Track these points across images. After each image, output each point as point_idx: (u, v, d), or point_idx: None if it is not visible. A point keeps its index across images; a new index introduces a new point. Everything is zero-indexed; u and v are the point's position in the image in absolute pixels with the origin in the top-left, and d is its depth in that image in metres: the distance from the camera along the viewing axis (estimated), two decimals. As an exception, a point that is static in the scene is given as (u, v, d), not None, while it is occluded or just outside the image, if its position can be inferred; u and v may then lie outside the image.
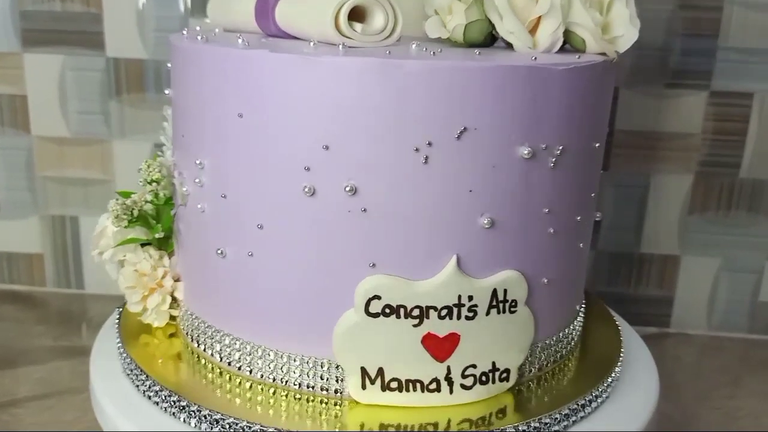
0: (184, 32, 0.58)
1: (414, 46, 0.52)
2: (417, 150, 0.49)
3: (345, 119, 0.48)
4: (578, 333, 0.66)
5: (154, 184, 0.57)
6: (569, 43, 0.57)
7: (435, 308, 0.52)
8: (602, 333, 0.70)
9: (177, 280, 0.59)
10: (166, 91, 0.59)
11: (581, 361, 0.64)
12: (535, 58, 0.51)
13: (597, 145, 0.59)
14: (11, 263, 1.06)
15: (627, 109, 0.94)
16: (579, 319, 0.66)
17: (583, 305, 0.68)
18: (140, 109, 0.98)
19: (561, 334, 0.62)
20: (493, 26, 0.56)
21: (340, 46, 0.50)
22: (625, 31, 0.57)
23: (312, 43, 0.52)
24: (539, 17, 0.55)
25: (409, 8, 0.67)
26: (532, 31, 0.56)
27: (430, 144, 0.49)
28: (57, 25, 0.96)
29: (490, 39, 0.57)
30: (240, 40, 0.52)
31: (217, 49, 0.51)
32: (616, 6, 0.57)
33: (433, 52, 0.50)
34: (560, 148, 0.53)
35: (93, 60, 0.97)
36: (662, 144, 0.95)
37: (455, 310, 0.52)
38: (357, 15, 0.52)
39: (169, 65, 0.59)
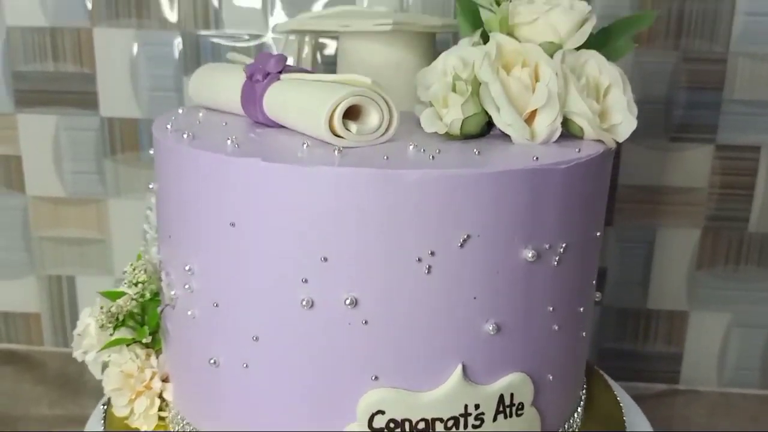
0: (168, 126, 0.56)
1: (411, 148, 0.50)
2: (419, 260, 0.47)
3: (343, 230, 0.46)
4: (581, 417, 0.64)
5: (140, 285, 0.55)
6: (567, 129, 0.55)
7: (441, 420, 0.50)
8: (603, 410, 0.67)
9: (165, 380, 0.57)
10: (150, 185, 0.57)
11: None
12: (537, 158, 0.49)
13: (598, 234, 0.57)
14: (8, 322, 1.05)
15: (630, 163, 0.91)
16: (581, 403, 0.64)
17: (585, 387, 0.66)
18: (135, 168, 0.97)
19: (566, 425, 0.60)
20: (489, 117, 0.54)
21: (336, 151, 0.48)
22: (623, 119, 0.55)
23: (305, 144, 0.50)
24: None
25: (400, 84, 0.66)
26: (530, 119, 0.54)
27: (432, 253, 0.47)
28: (50, 86, 0.94)
29: (486, 128, 0.55)
30: (229, 142, 0.50)
31: (206, 154, 0.49)
32: (613, 92, 0.55)
33: (432, 156, 0.48)
34: (563, 245, 0.52)
35: (87, 119, 0.95)
36: (668, 198, 0.93)
37: (462, 420, 0.50)
38: (351, 112, 0.51)
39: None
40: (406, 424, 0.49)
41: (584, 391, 0.65)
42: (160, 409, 0.57)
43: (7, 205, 1.00)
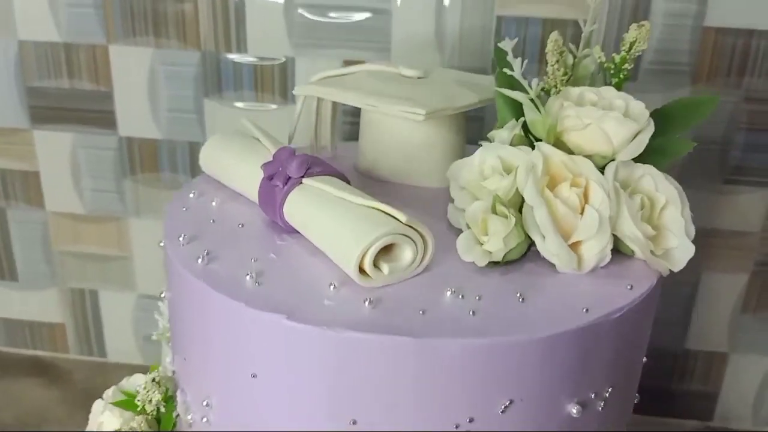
0: (180, 239, 0.51)
1: (449, 294, 0.45)
2: (457, 426, 0.43)
3: (374, 394, 0.43)
4: None
5: (155, 402, 0.53)
6: (615, 246, 0.50)
7: None
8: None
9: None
10: (162, 293, 0.53)
11: None
12: (587, 310, 0.44)
13: (645, 359, 0.53)
14: (33, 331, 1.04)
15: (679, 204, 0.85)
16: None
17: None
18: (156, 189, 0.93)
19: None
20: (532, 242, 0.49)
21: (366, 302, 0.44)
22: (680, 243, 0.49)
23: (332, 286, 0.46)
24: (583, 231, 0.48)
25: (430, 160, 0.61)
26: (576, 244, 0.49)
27: (471, 420, 0.43)
28: (66, 103, 0.90)
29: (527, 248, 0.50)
30: (248, 278, 0.46)
31: (223, 299, 0.45)
32: (670, 211, 0.50)
33: (472, 311, 0.44)
34: (609, 389, 0.48)
35: (105, 138, 0.91)
36: (717, 242, 0.87)
37: None
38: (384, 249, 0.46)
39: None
40: None
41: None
42: None
43: (28, 219, 0.97)
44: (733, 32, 0.78)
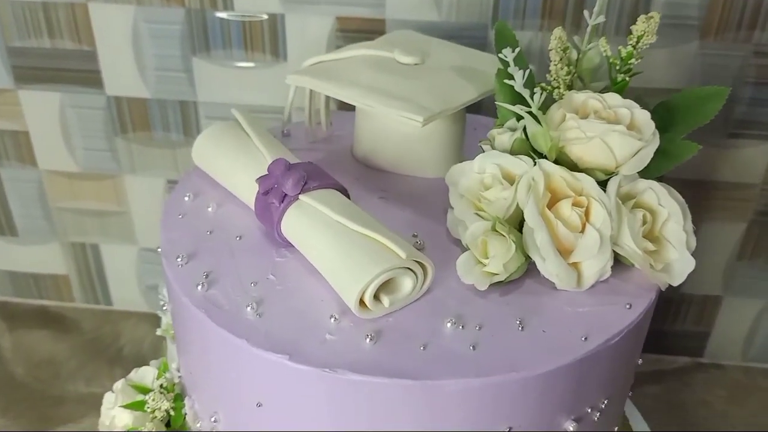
0: (179, 259, 0.50)
1: (449, 325, 0.45)
2: (453, 453, 0.45)
3: (377, 426, 0.44)
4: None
5: (164, 409, 0.54)
6: (616, 256, 0.50)
7: None
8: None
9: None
10: (162, 305, 0.54)
11: None
12: (586, 338, 0.45)
13: (640, 361, 0.54)
14: (38, 282, 1.06)
15: (681, 159, 0.84)
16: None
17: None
18: (149, 147, 0.91)
19: None
20: (532, 261, 0.49)
21: (367, 338, 0.44)
22: (681, 256, 0.49)
23: (333, 318, 0.46)
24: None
25: (429, 152, 0.59)
26: (576, 262, 0.49)
27: (469, 449, 0.45)
28: (49, 63, 0.86)
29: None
30: (249, 308, 0.46)
31: (226, 335, 0.45)
32: (671, 225, 0.49)
33: (472, 345, 0.44)
34: (605, 401, 0.49)
35: (93, 98, 0.88)
36: (716, 194, 0.86)
37: None
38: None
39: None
40: None
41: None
42: None
43: (22, 178, 0.96)
44: (747, -17, 0.74)
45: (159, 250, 0.54)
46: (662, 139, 0.51)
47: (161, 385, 0.56)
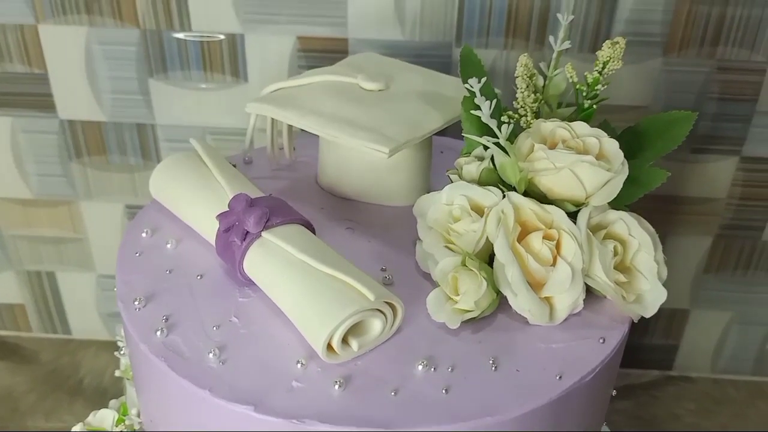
0: (136, 303, 0.48)
1: (420, 368, 0.44)
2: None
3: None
4: None
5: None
6: (589, 288, 0.49)
7: None
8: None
9: None
10: (119, 344, 0.51)
11: None
12: (560, 377, 0.44)
13: (614, 392, 0.53)
14: (-7, 312, 1.02)
15: (647, 174, 0.84)
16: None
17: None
18: (106, 171, 0.88)
19: None
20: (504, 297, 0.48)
21: (336, 384, 0.42)
22: (652, 287, 0.48)
23: (299, 364, 0.44)
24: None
25: (395, 181, 0.58)
26: (548, 296, 0.48)
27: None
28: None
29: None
30: (211, 355, 0.44)
31: (187, 385, 0.43)
32: (642, 256, 0.48)
33: (444, 388, 0.43)
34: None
35: (45, 122, 0.85)
36: (682, 208, 0.86)
37: None
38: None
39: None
40: None
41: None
42: None
43: (-28, 205, 0.92)
44: (709, 0, 0.74)
45: (115, 290, 0.51)
46: (631, 166, 0.50)
47: (121, 432, 0.54)
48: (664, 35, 0.76)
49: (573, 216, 0.48)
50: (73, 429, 0.58)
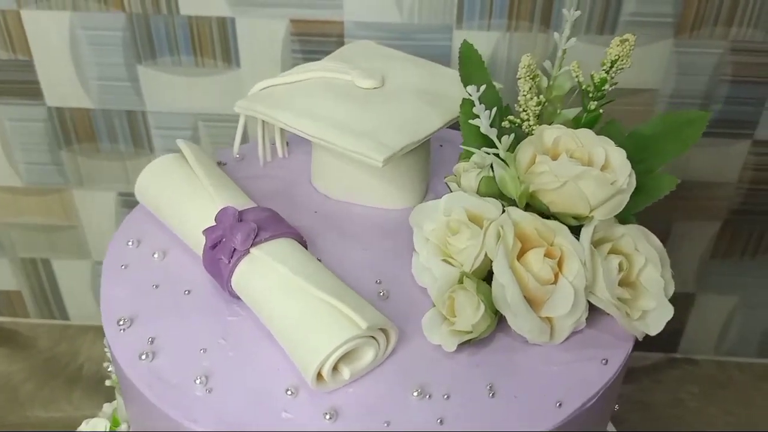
0: (120, 323, 0.46)
1: (415, 395, 0.42)
2: None
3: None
4: None
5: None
6: (589, 301, 0.47)
7: None
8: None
9: None
10: (108, 368, 0.50)
11: None
12: (560, 404, 0.42)
13: (616, 407, 0.52)
14: (-11, 298, 1.01)
15: (654, 159, 0.81)
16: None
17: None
18: (96, 159, 0.86)
19: None
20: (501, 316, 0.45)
21: (327, 417, 0.41)
22: (658, 305, 0.46)
23: (289, 392, 0.42)
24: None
25: (390, 184, 0.56)
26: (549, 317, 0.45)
27: None
28: (-19, 73, 0.80)
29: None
30: (198, 381, 0.42)
31: (174, 417, 0.41)
32: (648, 271, 0.46)
33: (439, 419, 0.41)
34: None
35: (32, 110, 0.82)
36: (692, 193, 0.84)
37: None
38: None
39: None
40: None
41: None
42: None
43: (-38, 194, 0.90)
44: (723, -22, 0.70)
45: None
46: (638, 172, 0.47)
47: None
48: (676, 15, 0.72)
49: (576, 229, 0.46)
50: (66, 437, 0.57)
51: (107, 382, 0.59)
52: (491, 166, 0.48)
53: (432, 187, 0.59)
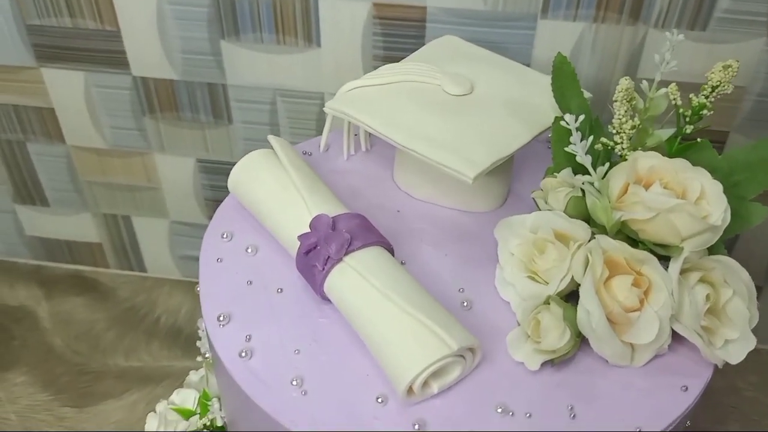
0: (220, 317, 0.49)
1: (499, 411, 0.44)
2: None
3: None
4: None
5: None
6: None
7: None
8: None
9: None
10: (204, 354, 0.53)
11: None
12: (639, 430, 0.44)
13: (687, 423, 0.53)
14: (72, 248, 1.06)
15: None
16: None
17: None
18: (178, 127, 0.88)
19: None
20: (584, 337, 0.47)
21: (416, 426, 0.43)
22: (741, 335, 0.47)
23: (379, 399, 0.45)
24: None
25: (476, 189, 0.56)
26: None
27: None
28: (71, 42, 0.82)
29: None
30: (294, 384, 0.45)
31: (270, 415, 0.44)
32: (735, 303, 0.47)
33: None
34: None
35: (118, 78, 0.85)
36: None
37: None
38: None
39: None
40: None
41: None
42: None
43: (51, 153, 0.94)
44: (828, -24, 0.67)
45: (197, 288, 0.52)
46: (729, 197, 0.47)
47: (204, 425, 0.57)
48: (772, 13, 0.70)
49: (666, 259, 0.46)
50: (157, 406, 0.62)
51: (198, 358, 0.63)
52: (581, 187, 0.49)
53: (513, 192, 0.60)
